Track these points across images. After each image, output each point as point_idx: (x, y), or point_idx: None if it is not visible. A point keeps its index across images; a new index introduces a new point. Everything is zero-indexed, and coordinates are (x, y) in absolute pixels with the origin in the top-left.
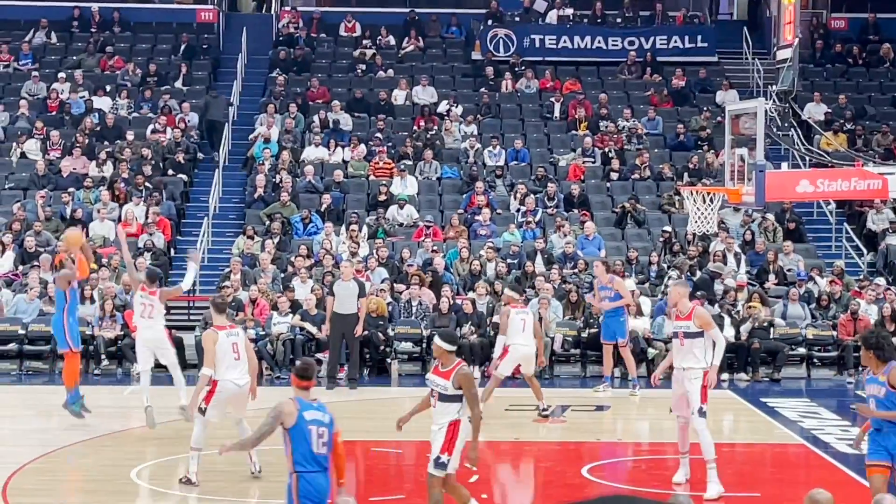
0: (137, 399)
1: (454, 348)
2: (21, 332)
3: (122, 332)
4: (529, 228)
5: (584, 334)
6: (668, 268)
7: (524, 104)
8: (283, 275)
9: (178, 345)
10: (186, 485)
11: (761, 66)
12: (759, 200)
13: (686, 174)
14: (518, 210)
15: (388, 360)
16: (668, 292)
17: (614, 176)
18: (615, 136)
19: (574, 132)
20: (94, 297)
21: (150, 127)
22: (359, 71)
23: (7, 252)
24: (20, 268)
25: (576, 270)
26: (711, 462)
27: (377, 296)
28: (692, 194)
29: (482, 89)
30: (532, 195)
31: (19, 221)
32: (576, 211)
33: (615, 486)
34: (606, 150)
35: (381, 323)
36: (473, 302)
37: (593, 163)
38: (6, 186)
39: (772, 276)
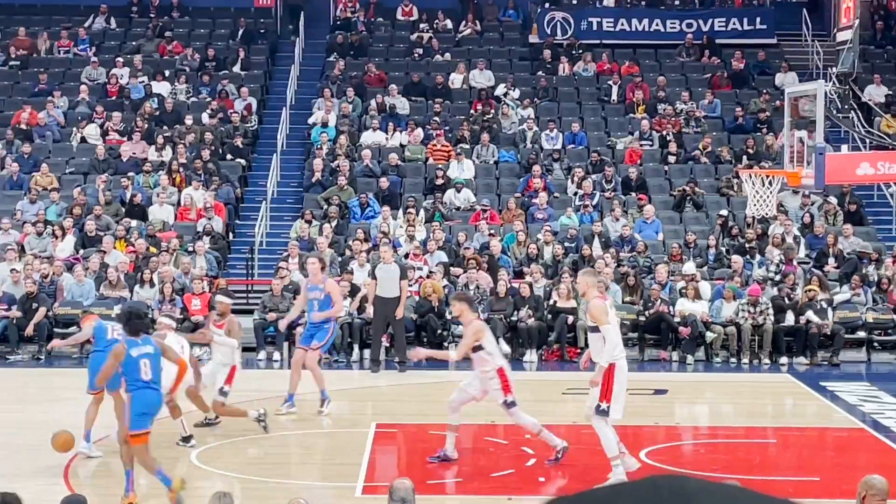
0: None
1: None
2: (81, 315)
3: (182, 316)
4: (586, 212)
5: (643, 317)
6: (727, 251)
7: (581, 87)
8: (340, 258)
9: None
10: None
11: (821, 48)
12: (818, 183)
13: (745, 157)
14: (575, 193)
15: (445, 344)
16: (578, 281)
17: (672, 159)
18: (673, 118)
19: (632, 115)
20: (154, 280)
21: (208, 111)
22: (416, 55)
23: (67, 236)
24: (80, 252)
25: (634, 254)
26: (614, 459)
27: (430, 278)
28: (751, 177)
29: (539, 72)
30: (589, 178)
31: (80, 206)
32: (633, 194)
33: (672, 470)
34: (664, 133)
35: (438, 307)
36: (530, 285)
37: (651, 146)
38: (67, 171)
39: (831, 260)
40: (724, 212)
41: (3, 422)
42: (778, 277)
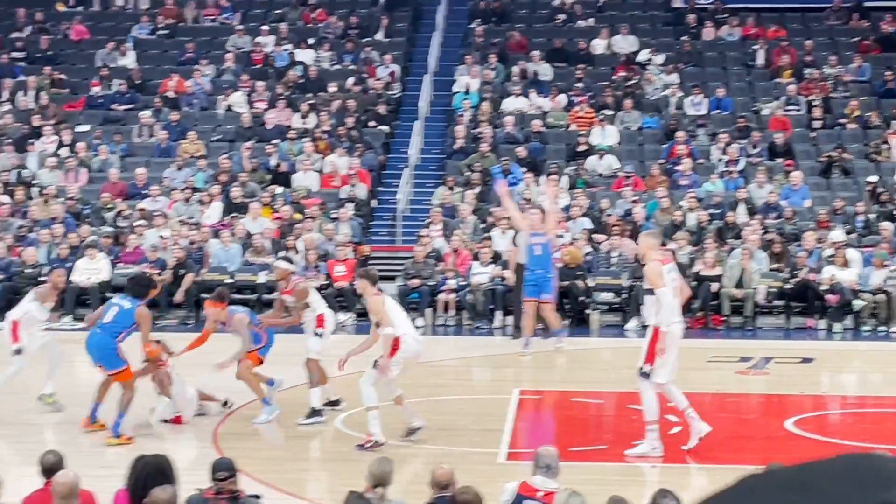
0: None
1: None
2: (228, 280)
3: (326, 282)
4: (731, 178)
5: (789, 285)
6: (876, 218)
7: (727, 52)
8: (482, 225)
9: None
10: (372, 447)
11: None
12: None
13: (894, 122)
14: (720, 159)
15: (588, 311)
16: (639, 243)
17: (818, 124)
18: (820, 83)
19: (778, 80)
20: (298, 247)
21: (352, 79)
22: (558, 20)
23: (214, 203)
24: (226, 218)
25: (780, 221)
26: (650, 424)
27: (573, 245)
28: None
29: (683, 37)
30: (734, 144)
31: (226, 173)
32: (780, 160)
33: (820, 440)
34: (811, 98)
35: (580, 273)
36: (674, 253)
37: (797, 111)
38: (213, 139)
39: None
40: (874, 178)
41: (152, 387)
42: None
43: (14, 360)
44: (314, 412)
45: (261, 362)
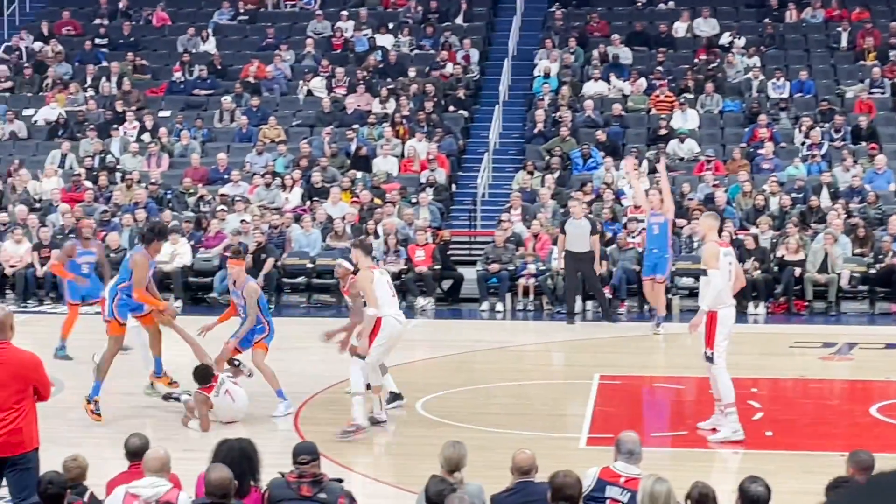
0: (422, 332)
1: None
2: (309, 265)
3: (406, 267)
4: (815, 162)
5: (873, 270)
6: None
7: (809, 34)
8: (562, 210)
9: (458, 280)
10: (355, 432)
11: None
12: None
13: None
14: (802, 143)
15: (669, 296)
16: (699, 223)
17: None
18: None
19: (862, 62)
20: (378, 231)
21: (432, 63)
22: (639, 3)
23: (295, 188)
24: (307, 203)
25: (864, 205)
26: (728, 406)
27: None
28: None
29: (766, 20)
30: (817, 128)
31: (306, 158)
32: (863, 144)
33: None
34: None
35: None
36: (756, 237)
37: (882, 94)
38: (293, 123)
39: None
40: None
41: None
42: None
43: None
44: (394, 396)
45: (266, 350)
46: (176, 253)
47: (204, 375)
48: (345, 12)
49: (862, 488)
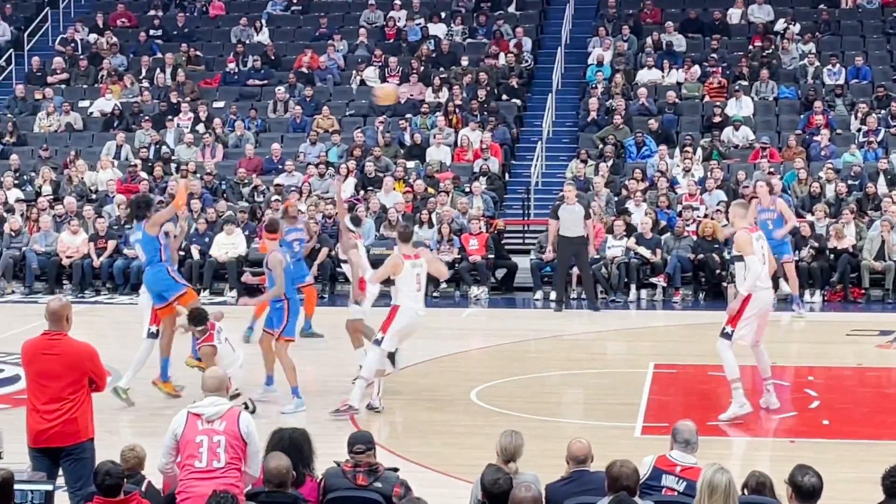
0: (476, 321)
1: None
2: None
3: (460, 256)
4: (871, 149)
5: None
6: None
7: (865, 20)
8: (616, 198)
9: (512, 269)
10: (346, 411)
11: None
12: None
13: None
14: (859, 130)
15: (724, 284)
16: (730, 212)
17: None
18: None
19: None
20: (432, 220)
21: (485, 52)
22: None
23: (349, 178)
24: (362, 192)
25: None
26: (734, 382)
27: (713, 218)
28: None
29: (821, 6)
30: (874, 114)
31: (359, 147)
32: None
33: None
34: None
35: (717, 246)
36: (812, 224)
37: None
38: (347, 113)
39: None
40: None
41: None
42: None
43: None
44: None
45: (290, 342)
46: (231, 243)
47: (199, 317)
48: (397, 1)
49: None
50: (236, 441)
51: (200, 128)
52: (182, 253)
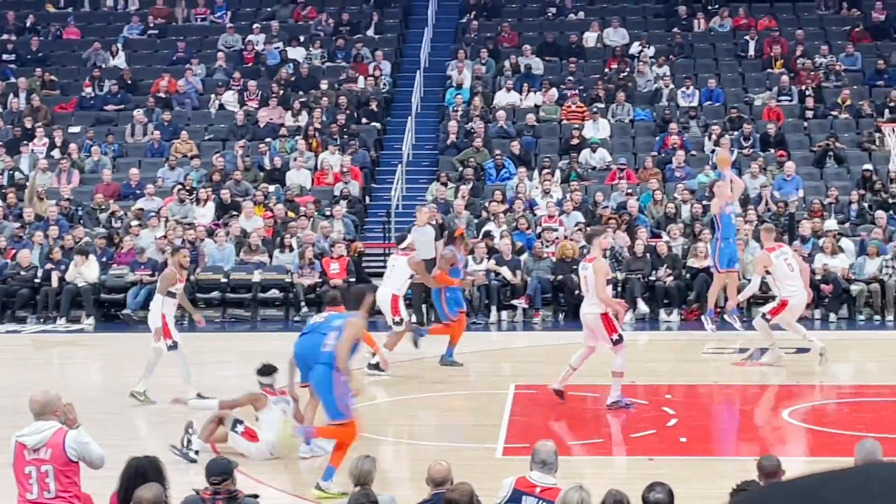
0: None
1: None
2: (223, 280)
3: (321, 280)
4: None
5: None
6: (870, 207)
7: (717, 43)
8: (476, 220)
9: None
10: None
11: None
12: None
13: (886, 111)
14: (712, 151)
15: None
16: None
17: (810, 115)
18: (812, 73)
19: (769, 70)
20: (293, 245)
21: (344, 76)
22: (549, 14)
23: (208, 203)
24: (220, 217)
25: (771, 212)
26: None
27: (571, 239)
28: (893, 131)
29: (674, 29)
30: (727, 135)
31: (219, 172)
32: (772, 151)
33: (817, 430)
34: (803, 88)
35: (575, 267)
36: (668, 244)
37: (789, 101)
38: (206, 138)
39: None
40: (867, 167)
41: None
42: None
43: (174, 356)
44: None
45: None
46: (87, 270)
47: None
48: (256, 25)
49: (758, 494)
50: (65, 467)
51: (56, 153)
52: (38, 281)
